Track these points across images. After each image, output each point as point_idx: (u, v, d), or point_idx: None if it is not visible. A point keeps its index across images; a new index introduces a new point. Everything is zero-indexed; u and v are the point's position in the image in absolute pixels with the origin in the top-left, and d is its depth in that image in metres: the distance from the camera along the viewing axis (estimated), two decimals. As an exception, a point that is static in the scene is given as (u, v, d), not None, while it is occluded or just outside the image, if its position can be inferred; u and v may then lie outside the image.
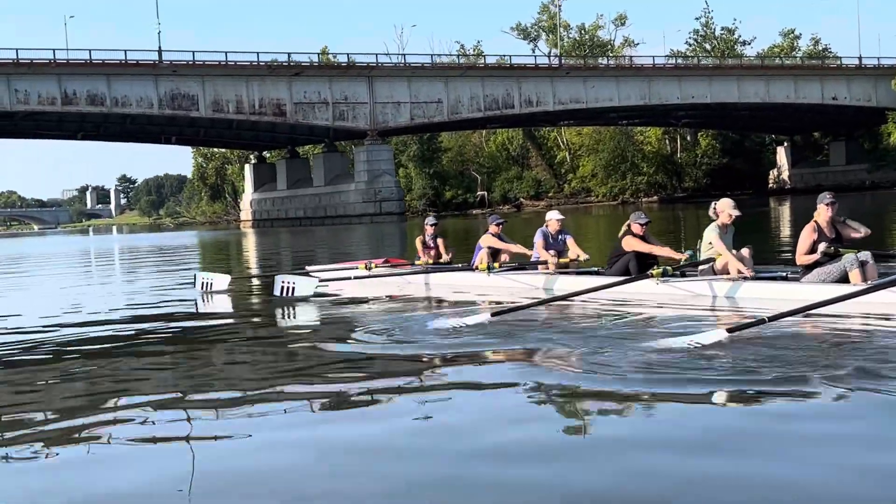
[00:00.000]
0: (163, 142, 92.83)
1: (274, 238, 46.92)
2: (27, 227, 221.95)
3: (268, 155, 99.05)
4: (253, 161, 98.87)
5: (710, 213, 10.34)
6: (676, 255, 10.62)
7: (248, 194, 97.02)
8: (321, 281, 12.78)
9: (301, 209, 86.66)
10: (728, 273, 9.87)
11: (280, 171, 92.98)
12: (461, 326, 8.27)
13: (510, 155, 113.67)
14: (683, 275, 10.28)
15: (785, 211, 46.09)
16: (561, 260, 11.89)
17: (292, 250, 31.34)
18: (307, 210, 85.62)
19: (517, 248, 12.74)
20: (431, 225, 14.13)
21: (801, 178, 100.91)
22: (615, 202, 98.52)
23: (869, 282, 8.77)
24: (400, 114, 78.35)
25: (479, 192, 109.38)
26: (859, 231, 9.54)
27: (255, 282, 16.72)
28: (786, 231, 26.47)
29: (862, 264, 8.99)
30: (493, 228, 12.85)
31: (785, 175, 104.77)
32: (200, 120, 76.82)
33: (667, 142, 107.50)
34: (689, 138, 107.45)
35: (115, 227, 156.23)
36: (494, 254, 12.78)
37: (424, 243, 13.99)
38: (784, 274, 9.91)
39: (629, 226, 10.88)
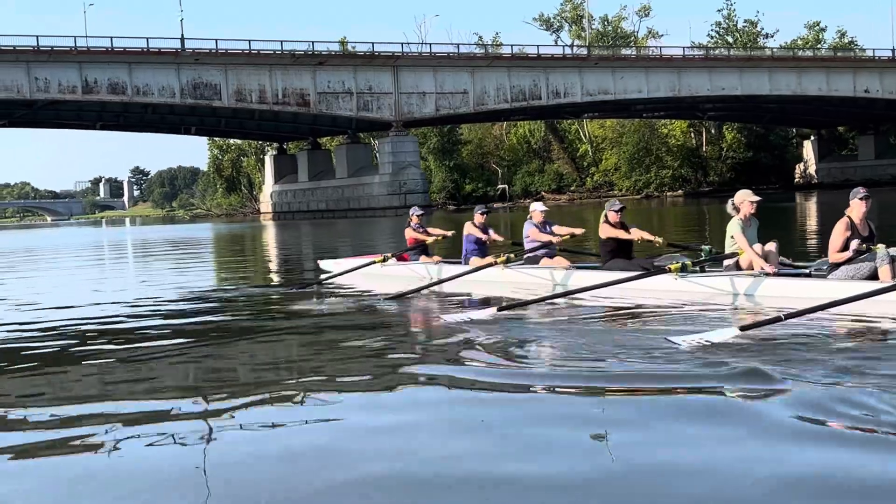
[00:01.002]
0: (182, 132, 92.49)
1: (296, 231, 46.82)
2: (40, 219, 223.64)
3: (286, 147, 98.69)
4: (273, 152, 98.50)
5: (729, 209, 9.88)
6: (649, 237, 10.81)
7: (269, 186, 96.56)
8: (335, 274, 13.30)
9: (323, 201, 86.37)
10: (752, 269, 9.47)
11: (301, 162, 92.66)
12: (467, 321, 8.25)
13: (531, 148, 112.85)
14: (703, 270, 9.90)
15: (811, 206, 45.61)
16: (563, 237, 11.97)
17: (314, 243, 31.22)
18: (329, 202, 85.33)
19: (497, 237, 12.83)
20: (418, 215, 14.14)
21: (828, 172, 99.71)
22: (639, 196, 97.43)
23: (896, 279, 8.38)
24: (425, 104, 77.71)
25: (499, 186, 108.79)
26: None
27: (273, 276, 16.69)
28: (813, 226, 26.03)
29: (892, 260, 8.59)
30: (477, 218, 12.81)
31: (812, 169, 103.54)
32: (222, 110, 76.39)
33: (692, 135, 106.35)
34: (713, 132, 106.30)
35: (127, 219, 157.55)
36: (480, 244, 12.66)
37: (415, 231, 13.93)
38: (808, 270, 9.53)
39: (605, 215, 10.97)
